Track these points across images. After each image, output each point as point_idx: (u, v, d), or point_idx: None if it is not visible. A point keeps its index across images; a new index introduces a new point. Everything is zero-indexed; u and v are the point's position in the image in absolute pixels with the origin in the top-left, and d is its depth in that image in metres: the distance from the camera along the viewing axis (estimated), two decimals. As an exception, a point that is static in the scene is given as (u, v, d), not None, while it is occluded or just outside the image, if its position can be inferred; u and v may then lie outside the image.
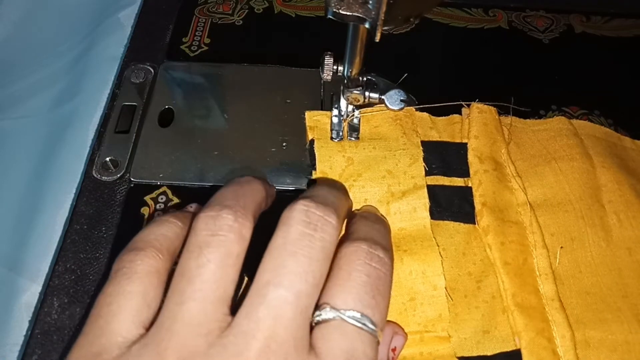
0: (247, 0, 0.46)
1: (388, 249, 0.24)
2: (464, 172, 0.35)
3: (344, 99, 0.34)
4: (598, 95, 0.41)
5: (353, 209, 0.31)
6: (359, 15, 0.25)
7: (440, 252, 0.31)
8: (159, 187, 0.35)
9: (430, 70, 0.42)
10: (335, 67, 0.34)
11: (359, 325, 0.20)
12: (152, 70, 0.41)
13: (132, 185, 0.35)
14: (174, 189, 0.35)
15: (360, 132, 0.36)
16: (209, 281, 0.20)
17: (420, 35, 0.43)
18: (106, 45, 0.46)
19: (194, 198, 0.34)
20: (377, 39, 0.28)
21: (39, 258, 0.35)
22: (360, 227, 0.26)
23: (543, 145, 0.37)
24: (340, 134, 0.36)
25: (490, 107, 0.36)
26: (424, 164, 0.34)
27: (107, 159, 0.36)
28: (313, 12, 0.45)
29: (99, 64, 0.45)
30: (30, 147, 0.41)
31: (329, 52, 0.34)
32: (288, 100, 0.39)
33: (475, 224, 0.33)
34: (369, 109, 0.36)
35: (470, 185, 0.34)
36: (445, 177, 0.35)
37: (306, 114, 0.36)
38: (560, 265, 0.32)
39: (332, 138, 0.35)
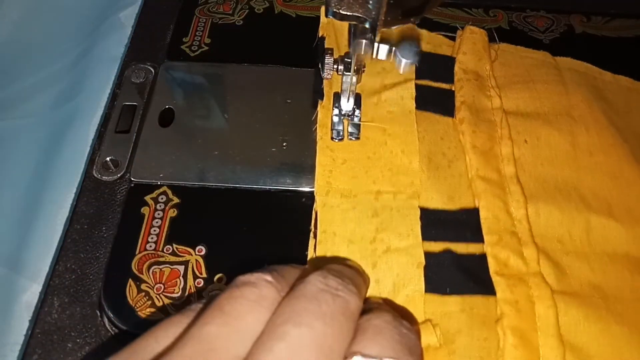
0: (247, 0, 0.46)
1: (413, 325, 0.22)
2: (449, 80, 0.39)
3: (351, 50, 0.33)
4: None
5: None
6: (359, 15, 0.25)
7: (419, 136, 0.35)
8: (159, 187, 0.35)
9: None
10: (335, 66, 0.33)
11: None
12: (153, 70, 0.41)
13: (132, 185, 0.35)
14: (174, 188, 0.35)
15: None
16: (236, 312, 0.18)
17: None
18: (107, 45, 0.46)
19: (194, 198, 0.34)
20: (377, 39, 0.28)
21: (40, 257, 0.35)
22: (379, 304, 0.24)
23: (526, 69, 0.41)
24: (341, 133, 0.36)
25: (482, 30, 0.41)
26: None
27: (108, 158, 0.36)
28: (313, 12, 0.45)
29: (99, 63, 0.45)
30: (31, 147, 0.41)
31: (330, 51, 0.34)
32: (288, 100, 0.39)
33: (454, 117, 0.37)
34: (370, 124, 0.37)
35: (453, 89, 0.38)
36: (432, 82, 0.39)
37: (322, 9, 0.41)
38: (523, 157, 0.36)
39: (332, 138, 0.36)
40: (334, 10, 0.25)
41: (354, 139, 0.35)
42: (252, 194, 0.35)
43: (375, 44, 0.31)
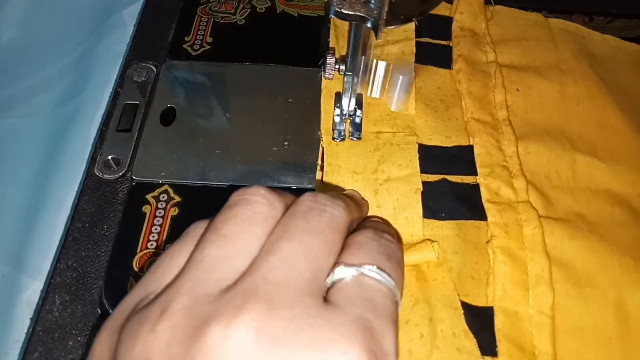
0: (249, -1, 0.46)
1: (396, 238, 0.24)
2: (447, 37, 0.42)
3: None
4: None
5: None
6: (361, 14, 0.25)
7: (417, 85, 0.38)
8: (160, 185, 0.35)
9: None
10: (337, 67, 0.34)
11: (377, 277, 0.19)
12: (155, 69, 0.41)
13: (133, 183, 0.35)
14: (176, 187, 0.35)
15: None
16: (231, 233, 0.20)
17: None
18: (109, 44, 0.46)
19: (196, 197, 0.34)
20: (379, 39, 0.28)
21: (41, 256, 0.35)
22: (365, 222, 0.25)
23: (519, 29, 0.44)
24: (343, 133, 0.36)
25: None
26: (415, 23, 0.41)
27: (109, 157, 0.36)
28: (315, 11, 0.45)
29: (101, 62, 0.45)
30: (33, 145, 0.42)
31: (331, 51, 0.34)
32: (290, 100, 0.39)
33: (451, 69, 0.40)
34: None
35: (451, 45, 0.41)
36: (432, 39, 0.42)
37: None
38: (515, 104, 0.39)
39: (333, 138, 0.36)
40: (336, 9, 0.25)
41: (355, 138, 0.35)
42: (253, 193, 0.35)
43: (374, 61, 0.35)
